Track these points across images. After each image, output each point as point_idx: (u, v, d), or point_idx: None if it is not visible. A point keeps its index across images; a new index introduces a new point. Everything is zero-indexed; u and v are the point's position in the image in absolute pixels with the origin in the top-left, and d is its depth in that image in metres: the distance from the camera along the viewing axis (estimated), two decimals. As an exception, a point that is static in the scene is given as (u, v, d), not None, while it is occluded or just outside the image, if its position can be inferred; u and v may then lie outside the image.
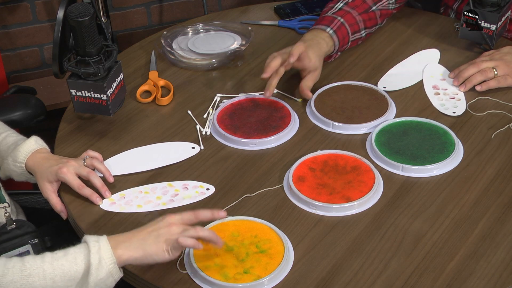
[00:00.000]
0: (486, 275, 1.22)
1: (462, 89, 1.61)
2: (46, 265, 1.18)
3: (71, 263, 1.19)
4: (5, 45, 2.57)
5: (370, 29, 1.79)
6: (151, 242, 1.21)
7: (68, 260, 1.19)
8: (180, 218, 1.23)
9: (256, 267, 1.24)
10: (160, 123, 1.60)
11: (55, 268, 1.18)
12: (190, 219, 1.24)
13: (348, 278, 1.23)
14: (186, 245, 1.20)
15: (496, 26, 1.66)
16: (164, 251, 1.21)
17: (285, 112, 1.59)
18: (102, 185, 1.40)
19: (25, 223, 1.41)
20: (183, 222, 1.23)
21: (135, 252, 1.20)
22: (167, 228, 1.21)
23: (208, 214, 1.25)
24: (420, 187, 1.41)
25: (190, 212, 1.25)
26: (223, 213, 1.26)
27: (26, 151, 1.42)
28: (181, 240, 1.19)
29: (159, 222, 1.23)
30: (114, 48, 1.47)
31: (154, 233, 1.21)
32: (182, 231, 1.21)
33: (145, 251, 1.20)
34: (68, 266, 1.18)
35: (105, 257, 1.19)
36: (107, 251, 1.19)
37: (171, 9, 2.74)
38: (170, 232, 1.21)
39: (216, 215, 1.26)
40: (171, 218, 1.23)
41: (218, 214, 1.26)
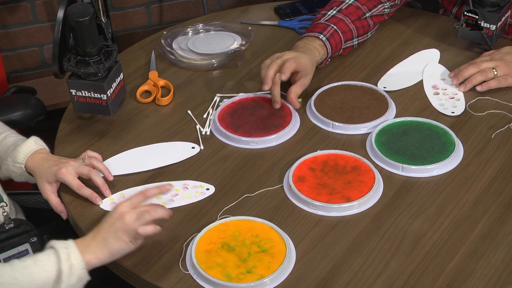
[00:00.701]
0: (486, 275, 1.22)
1: (462, 89, 1.61)
2: (17, 274, 1.18)
3: (41, 271, 1.19)
4: (5, 45, 2.57)
5: (362, 37, 1.77)
6: (112, 239, 1.23)
7: (38, 267, 1.20)
8: (130, 203, 1.25)
9: (259, 266, 1.24)
10: (160, 123, 1.60)
11: (26, 276, 1.19)
12: (140, 200, 1.27)
13: (348, 278, 1.23)
14: (147, 234, 1.23)
15: (496, 26, 1.66)
16: (128, 243, 1.23)
17: (286, 111, 1.59)
18: (103, 183, 1.41)
19: (23, 222, 1.41)
20: (133, 206, 1.25)
21: (101, 254, 1.23)
22: (121, 220, 1.23)
23: (155, 190, 1.29)
24: (420, 187, 1.41)
25: (138, 194, 1.27)
26: (169, 186, 1.30)
27: (25, 152, 1.42)
28: (141, 231, 1.22)
29: (112, 216, 1.24)
30: (114, 48, 1.47)
31: (111, 230, 1.23)
32: (136, 217, 1.23)
33: (110, 250, 1.23)
34: (39, 274, 1.19)
35: (75, 264, 1.20)
36: (76, 257, 1.21)
37: (171, 9, 2.74)
38: (126, 223, 1.23)
39: (163, 189, 1.30)
40: (121, 207, 1.24)
41: (164, 188, 1.30)
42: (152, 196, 1.29)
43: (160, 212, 1.25)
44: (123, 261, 1.28)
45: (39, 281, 1.19)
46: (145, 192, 1.28)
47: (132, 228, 1.22)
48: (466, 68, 1.63)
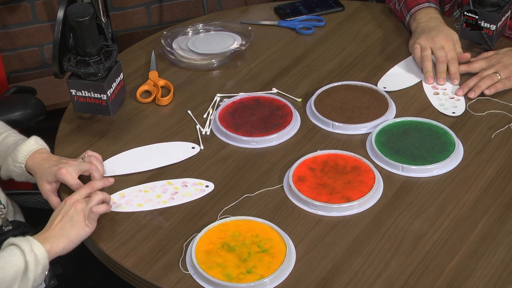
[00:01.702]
0: (486, 275, 1.22)
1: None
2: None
3: (9, 265, 1.21)
4: (5, 45, 2.57)
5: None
6: (69, 227, 1.28)
7: (6, 262, 1.21)
8: (78, 195, 1.32)
9: (259, 266, 1.24)
10: (160, 123, 1.60)
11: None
12: (87, 191, 1.34)
13: (348, 278, 1.23)
14: (100, 212, 1.30)
15: (496, 26, 1.66)
16: (84, 227, 1.29)
17: (286, 111, 1.59)
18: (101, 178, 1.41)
19: (21, 223, 1.41)
20: (82, 197, 1.32)
21: (61, 242, 1.27)
22: (73, 208, 1.29)
23: (100, 183, 1.37)
24: (420, 187, 1.41)
25: (85, 187, 1.35)
26: (112, 179, 1.40)
27: (25, 152, 1.42)
28: (95, 209, 1.30)
29: (64, 207, 1.31)
30: (114, 48, 1.47)
31: (66, 218, 1.28)
32: (87, 204, 1.30)
33: (69, 237, 1.27)
34: (7, 268, 1.21)
35: (39, 254, 1.24)
36: (39, 248, 1.24)
37: (171, 9, 2.74)
38: (79, 209, 1.29)
39: (106, 182, 1.39)
40: (71, 199, 1.31)
41: (108, 180, 1.39)
42: (98, 188, 1.36)
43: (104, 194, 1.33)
44: (123, 261, 1.28)
45: (9, 275, 1.21)
46: (91, 184, 1.35)
47: (85, 211, 1.29)
48: (470, 78, 1.64)
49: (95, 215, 1.30)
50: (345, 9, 1.97)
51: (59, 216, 1.29)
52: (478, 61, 1.67)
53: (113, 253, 1.30)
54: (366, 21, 1.92)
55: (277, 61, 1.79)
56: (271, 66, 1.77)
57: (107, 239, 1.31)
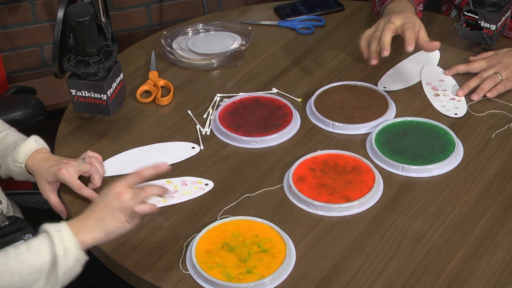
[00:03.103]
0: (486, 275, 1.22)
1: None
2: (11, 261, 1.17)
3: (36, 256, 1.18)
4: (5, 45, 2.57)
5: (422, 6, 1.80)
6: (109, 219, 1.21)
7: (32, 253, 1.18)
8: (126, 183, 1.23)
9: (259, 266, 1.24)
10: (160, 123, 1.60)
11: (21, 263, 1.17)
12: (135, 181, 1.24)
13: (348, 278, 1.23)
14: (144, 212, 1.22)
15: (496, 26, 1.66)
16: (124, 222, 1.21)
17: (286, 111, 1.59)
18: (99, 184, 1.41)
19: (18, 219, 1.41)
20: (129, 186, 1.23)
21: (97, 234, 1.21)
22: (118, 200, 1.21)
23: (151, 170, 1.25)
24: (420, 187, 1.41)
25: (133, 174, 1.24)
26: (166, 165, 1.26)
27: (25, 151, 1.42)
28: (138, 209, 1.21)
29: (108, 196, 1.22)
30: (114, 48, 1.47)
31: (108, 209, 1.21)
32: (133, 196, 1.21)
33: (106, 230, 1.21)
34: (34, 259, 1.18)
35: (70, 246, 1.18)
36: (70, 239, 1.19)
37: (171, 9, 2.74)
38: (123, 202, 1.21)
39: (159, 169, 1.25)
40: (117, 188, 1.22)
41: (160, 167, 1.26)
42: (147, 176, 1.25)
43: (155, 190, 1.24)
44: (123, 261, 1.28)
45: (35, 267, 1.17)
46: (140, 172, 1.24)
47: (128, 206, 1.20)
48: (471, 80, 1.64)
49: (138, 214, 1.22)
50: (345, 9, 1.97)
51: (101, 204, 1.21)
52: (478, 61, 1.67)
53: (113, 253, 1.30)
54: (366, 21, 1.92)
55: (277, 61, 1.79)
56: (271, 66, 1.77)
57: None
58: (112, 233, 1.22)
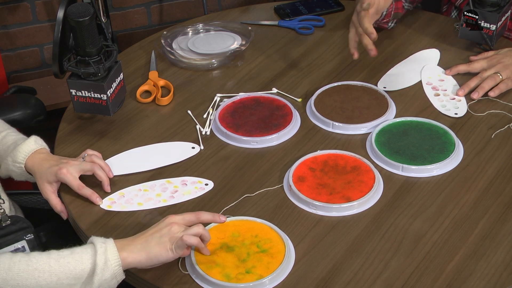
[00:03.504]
0: (486, 275, 1.22)
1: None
2: (52, 262, 1.19)
3: (77, 262, 1.20)
4: (5, 45, 2.57)
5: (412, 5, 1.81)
6: (154, 244, 1.22)
7: (74, 258, 1.20)
8: (182, 218, 1.25)
9: (258, 266, 1.24)
10: (160, 123, 1.60)
11: (61, 265, 1.19)
12: (191, 220, 1.26)
13: (348, 278, 1.23)
14: (190, 243, 1.21)
15: (496, 26, 1.66)
16: (168, 250, 1.22)
17: (286, 111, 1.59)
18: (106, 177, 1.41)
19: (20, 218, 1.41)
20: (184, 222, 1.25)
21: (139, 255, 1.22)
22: (168, 228, 1.23)
23: (209, 216, 1.27)
24: (420, 187, 1.41)
25: (192, 213, 1.26)
26: (224, 218, 1.28)
27: (25, 152, 1.42)
28: (186, 238, 1.21)
29: (161, 223, 1.24)
30: (114, 48, 1.47)
31: (156, 234, 1.23)
32: (184, 230, 1.23)
33: (149, 253, 1.22)
34: (74, 264, 1.19)
35: (111, 259, 1.20)
36: (113, 253, 1.21)
37: (171, 9, 2.74)
38: (172, 231, 1.22)
39: (217, 219, 1.28)
40: (172, 218, 1.24)
41: (219, 218, 1.28)
42: (204, 220, 1.27)
43: (206, 234, 1.25)
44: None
45: (74, 272, 1.19)
46: (199, 214, 1.27)
47: (177, 236, 1.22)
48: (471, 79, 1.64)
49: (183, 244, 1.21)
50: (345, 9, 1.97)
51: (152, 230, 1.24)
52: (479, 61, 1.67)
53: (113, 253, 1.30)
54: (366, 21, 1.92)
55: (277, 61, 1.79)
56: (271, 66, 1.77)
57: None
58: (154, 258, 1.22)
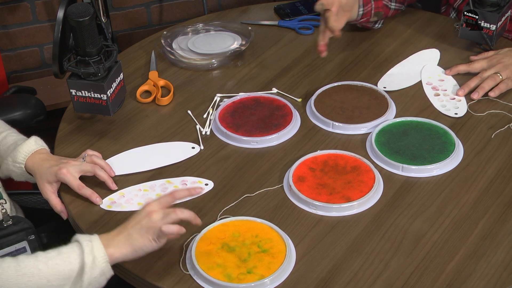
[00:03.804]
0: (486, 275, 1.22)
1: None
2: (41, 265, 1.19)
3: (65, 262, 1.20)
4: (5, 45, 2.57)
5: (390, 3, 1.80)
6: (137, 236, 1.22)
7: (62, 259, 1.20)
8: (158, 203, 1.25)
9: (259, 266, 1.24)
10: (160, 123, 1.60)
11: (50, 267, 1.19)
12: (168, 201, 1.26)
13: (348, 278, 1.23)
14: (170, 233, 1.22)
15: (496, 26, 1.66)
16: (151, 241, 1.23)
17: (286, 111, 1.59)
18: (108, 177, 1.41)
19: (21, 219, 1.41)
20: (162, 206, 1.24)
21: (124, 249, 1.22)
22: (147, 218, 1.23)
23: (185, 192, 1.28)
24: (420, 187, 1.41)
25: (167, 194, 1.26)
26: (200, 189, 1.30)
27: (25, 152, 1.42)
28: (165, 228, 1.21)
29: (140, 214, 1.24)
30: (114, 48, 1.47)
31: (137, 226, 1.23)
32: (163, 217, 1.23)
33: (133, 246, 1.23)
34: (63, 265, 1.19)
35: (98, 257, 1.20)
36: (99, 250, 1.21)
37: (171, 9, 2.74)
38: (152, 221, 1.22)
39: (192, 192, 1.29)
40: (149, 206, 1.24)
41: (194, 190, 1.29)
42: (181, 197, 1.28)
43: (186, 214, 1.25)
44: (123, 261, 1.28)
45: (63, 273, 1.19)
46: (174, 193, 1.27)
47: (157, 226, 1.22)
48: (471, 79, 1.64)
49: (164, 234, 1.22)
50: (345, 9, 1.97)
51: (132, 221, 1.24)
52: (479, 61, 1.67)
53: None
54: (366, 21, 1.92)
55: (277, 61, 1.79)
56: (271, 66, 1.77)
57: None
58: (139, 250, 1.23)
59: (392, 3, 1.79)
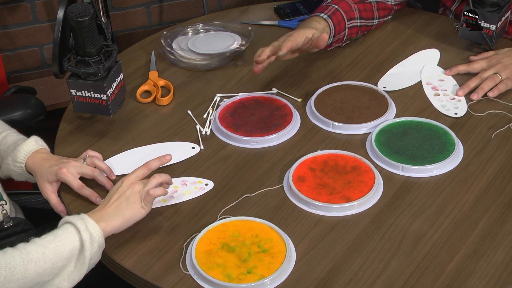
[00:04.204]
0: (486, 275, 1.22)
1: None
2: (43, 249, 1.21)
3: (65, 243, 1.23)
4: (5, 45, 2.57)
5: (367, 21, 1.79)
6: (125, 207, 1.29)
7: (60, 241, 1.23)
8: (135, 175, 1.33)
9: (259, 266, 1.24)
10: (160, 123, 1.60)
11: (51, 250, 1.21)
12: (144, 172, 1.35)
13: (348, 278, 1.23)
14: (158, 195, 1.30)
15: (496, 26, 1.66)
16: (140, 208, 1.30)
17: (286, 111, 1.59)
18: (108, 181, 1.41)
19: (22, 220, 1.41)
20: (139, 178, 1.33)
21: (116, 221, 1.28)
22: (131, 189, 1.30)
23: (157, 162, 1.37)
24: (420, 187, 1.41)
25: (141, 167, 1.35)
26: (169, 157, 1.39)
27: (26, 151, 1.42)
28: (152, 192, 1.29)
29: (121, 187, 1.31)
30: (114, 48, 1.47)
31: (122, 198, 1.30)
32: (144, 185, 1.30)
33: (124, 217, 1.29)
34: (63, 246, 1.22)
35: (94, 232, 1.25)
36: (93, 226, 1.25)
37: (171, 9, 2.74)
38: (136, 190, 1.30)
39: (163, 160, 1.38)
40: (128, 179, 1.32)
41: (164, 158, 1.39)
42: (154, 167, 1.36)
43: (163, 177, 1.32)
44: (123, 261, 1.28)
45: (65, 253, 1.22)
46: (147, 164, 1.35)
47: (142, 193, 1.29)
48: (471, 79, 1.64)
49: (152, 198, 1.29)
50: (345, 9, 1.97)
51: (115, 195, 1.30)
52: (479, 61, 1.67)
53: (113, 253, 1.30)
54: (366, 21, 1.92)
55: (277, 61, 1.79)
56: (271, 66, 1.77)
57: (107, 239, 1.31)
58: (130, 220, 1.30)
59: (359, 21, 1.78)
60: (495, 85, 1.61)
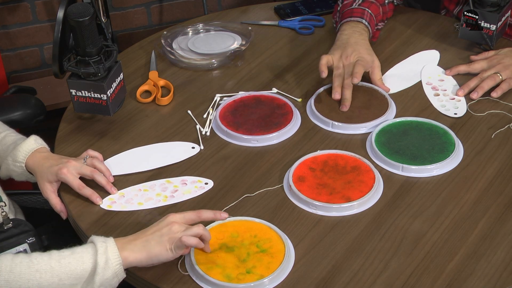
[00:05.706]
0: (486, 275, 1.22)
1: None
2: (54, 262, 1.19)
3: (78, 262, 1.19)
4: (5, 45, 2.57)
5: (383, 24, 1.83)
6: (155, 243, 1.22)
7: (75, 258, 1.20)
8: (182, 217, 1.25)
9: (258, 266, 1.24)
10: (160, 123, 1.61)
11: (62, 266, 1.19)
12: (192, 218, 1.26)
13: (348, 278, 1.23)
14: (189, 244, 1.21)
15: (496, 26, 1.66)
16: (168, 250, 1.22)
17: (287, 109, 1.59)
18: (107, 182, 1.41)
19: (21, 221, 1.41)
20: (185, 221, 1.25)
21: (140, 254, 1.22)
22: (168, 227, 1.22)
23: (210, 214, 1.27)
24: (420, 187, 1.41)
25: (193, 212, 1.26)
26: (225, 215, 1.28)
27: (25, 151, 1.42)
28: (184, 239, 1.20)
29: (161, 222, 1.24)
30: (114, 48, 1.47)
31: (157, 233, 1.22)
32: (184, 229, 1.22)
33: (149, 252, 1.22)
34: (75, 264, 1.19)
35: (112, 258, 1.20)
36: (114, 252, 1.20)
37: (171, 9, 2.74)
38: (172, 231, 1.22)
39: (218, 216, 1.28)
40: (172, 217, 1.24)
41: (220, 215, 1.28)
42: (205, 218, 1.27)
43: (206, 233, 1.24)
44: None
45: (75, 272, 1.19)
46: (200, 212, 1.26)
47: (177, 236, 1.22)
48: (471, 79, 1.64)
49: (182, 244, 1.21)
50: (345, 9, 1.97)
51: (153, 228, 1.23)
52: (479, 61, 1.67)
53: (113, 253, 1.30)
54: (366, 21, 1.92)
55: (277, 61, 1.79)
56: (271, 66, 1.77)
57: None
58: (154, 258, 1.22)
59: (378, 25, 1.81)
60: (495, 84, 1.61)
